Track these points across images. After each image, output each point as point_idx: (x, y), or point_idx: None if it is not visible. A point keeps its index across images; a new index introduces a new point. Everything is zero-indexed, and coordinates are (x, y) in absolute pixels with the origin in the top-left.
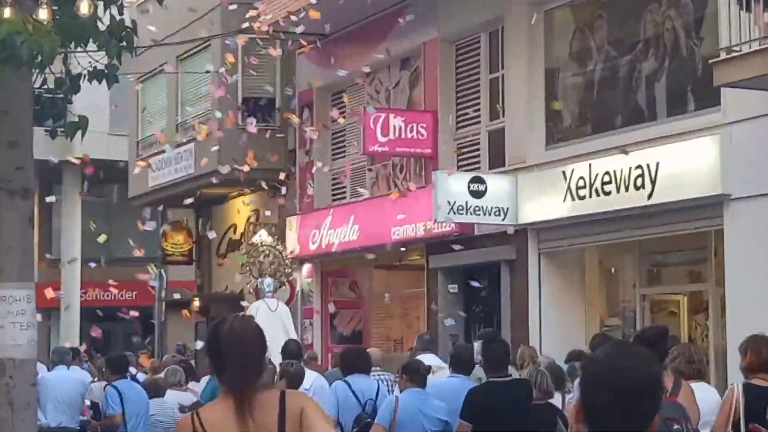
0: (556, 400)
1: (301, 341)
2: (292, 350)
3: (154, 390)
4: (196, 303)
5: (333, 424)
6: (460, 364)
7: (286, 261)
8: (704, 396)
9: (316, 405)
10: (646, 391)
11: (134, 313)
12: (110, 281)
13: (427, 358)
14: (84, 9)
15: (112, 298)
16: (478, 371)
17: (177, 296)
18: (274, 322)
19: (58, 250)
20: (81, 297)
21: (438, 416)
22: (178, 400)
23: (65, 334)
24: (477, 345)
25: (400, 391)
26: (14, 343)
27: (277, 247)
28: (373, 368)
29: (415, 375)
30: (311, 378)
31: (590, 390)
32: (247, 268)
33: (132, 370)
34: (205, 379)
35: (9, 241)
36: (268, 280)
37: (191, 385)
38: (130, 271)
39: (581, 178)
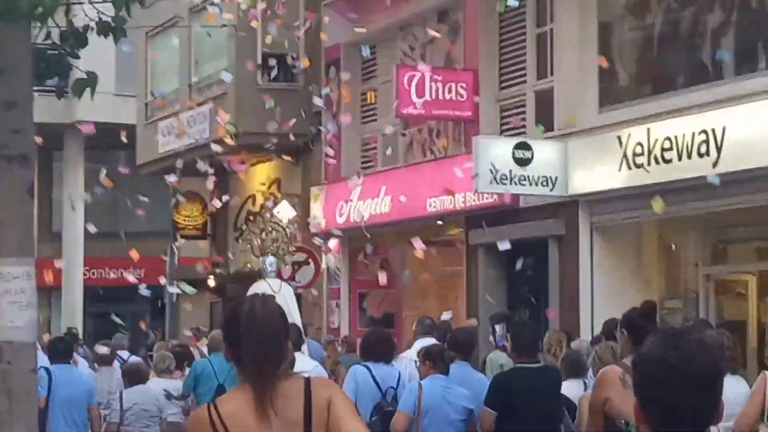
0: (578, 386)
1: (327, 324)
2: (291, 338)
3: (133, 377)
4: (211, 282)
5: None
6: (462, 347)
7: (290, 238)
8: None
9: (345, 396)
10: (711, 380)
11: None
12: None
13: (428, 343)
14: None
15: (119, 276)
16: (497, 357)
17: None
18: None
19: (59, 222)
20: (84, 275)
21: (463, 404)
22: (165, 388)
23: (67, 316)
24: (499, 328)
25: (421, 378)
26: (12, 324)
27: (279, 223)
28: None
29: (438, 361)
30: (309, 366)
31: (651, 388)
32: (248, 245)
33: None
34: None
35: (6, 213)
36: (270, 259)
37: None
38: (138, 246)
39: (638, 144)
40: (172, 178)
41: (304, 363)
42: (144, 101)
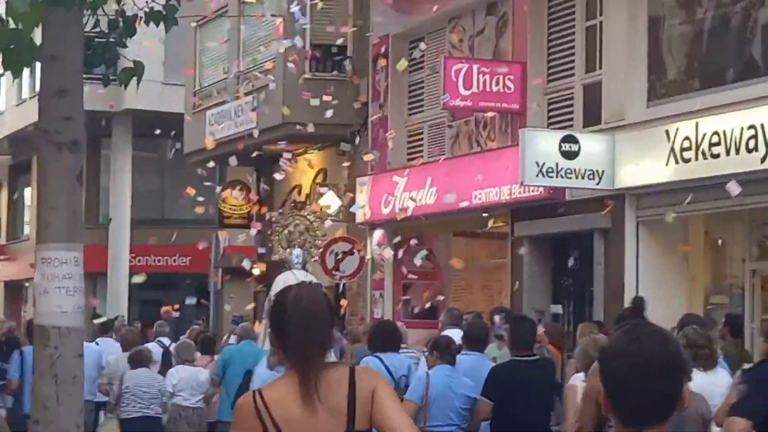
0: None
1: (371, 315)
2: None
3: (135, 361)
4: (256, 270)
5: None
6: (473, 341)
7: (317, 232)
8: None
9: (389, 386)
10: (671, 370)
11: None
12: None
13: (455, 334)
14: None
15: (165, 263)
16: (490, 350)
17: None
18: None
19: (106, 210)
20: (130, 262)
21: (467, 393)
22: (186, 376)
23: (113, 301)
24: (498, 319)
25: (429, 368)
26: (60, 310)
27: (308, 216)
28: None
29: (444, 352)
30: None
31: (616, 380)
32: (276, 237)
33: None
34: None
35: (56, 199)
36: (297, 251)
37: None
38: (185, 234)
39: (686, 138)
40: (233, 161)
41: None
42: (192, 90)
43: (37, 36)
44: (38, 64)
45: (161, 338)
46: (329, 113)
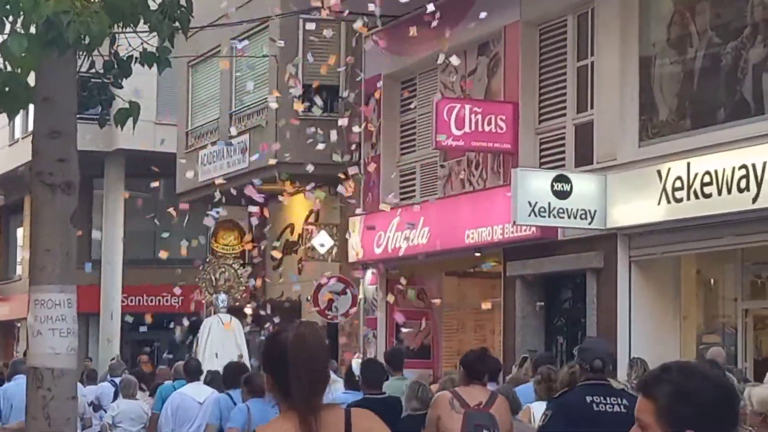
0: None
1: (363, 355)
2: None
3: (125, 391)
4: (248, 310)
5: None
6: (352, 381)
7: (241, 279)
8: None
9: (386, 428)
10: None
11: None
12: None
13: None
14: None
15: (157, 303)
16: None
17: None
18: (228, 337)
19: (98, 250)
20: (122, 302)
21: None
22: (130, 408)
23: (104, 342)
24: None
25: (243, 401)
26: (53, 351)
27: (233, 264)
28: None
29: (254, 386)
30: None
31: None
32: (203, 283)
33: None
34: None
35: (49, 241)
36: (222, 296)
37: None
38: (175, 274)
39: (678, 178)
40: (211, 219)
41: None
42: (185, 130)
43: (31, 77)
44: (31, 106)
45: (113, 378)
46: (321, 146)
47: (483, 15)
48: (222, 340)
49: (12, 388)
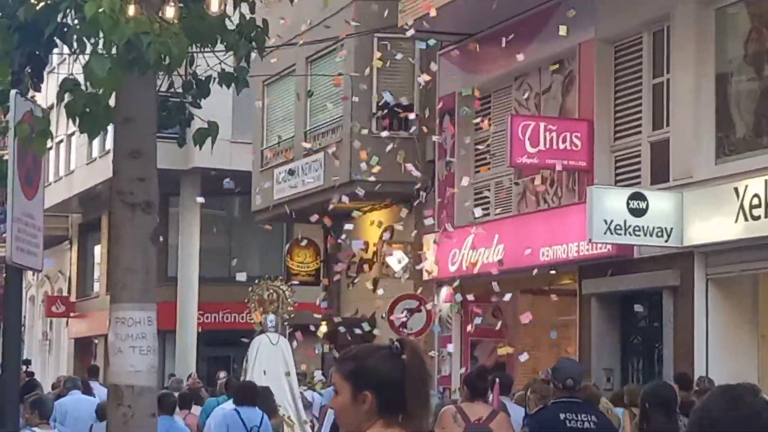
0: None
1: (438, 372)
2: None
3: (102, 414)
4: (323, 328)
5: None
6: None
7: (289, 300)
8: None
9: None
10: None
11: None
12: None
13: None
14: (214, 7)
15: (232, 320)
16: None
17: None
18: (276, 355)
19: (174, 267)
20: (198, 319)
21: None
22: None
23: (180, 359)
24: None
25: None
26: (133, 369)
27: (281, 287)
28: None
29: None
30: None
31: None
32: (252, 304)
33: None
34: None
35: (130, 260)
36: (271, 317)
37: (194, 409)
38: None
39: (755, 195)
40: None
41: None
42: (260, 148)
43: (111, 98)
44: (111, 126)
45: None
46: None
47: (562, 31)
48: (269, 358)
49: (67, 402)
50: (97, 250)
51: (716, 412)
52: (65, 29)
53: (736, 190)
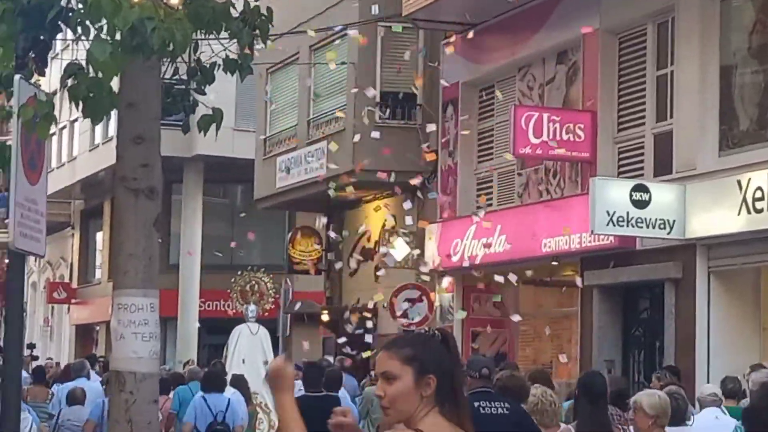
0: None
1: None
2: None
3: (71, 398)
4: (325, 317)
5: None
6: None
7: (270, 291)
8: None
9: None
10: None
11: None
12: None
13: None
14: None
15: (235, 308)
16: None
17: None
18: (255, 344)
19: (176, 255)
20: (200, 307)
21: None
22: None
23: (182, 346)
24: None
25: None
26: (136, 355)
27: (263, 278)
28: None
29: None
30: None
31: None
32: (234, 294)
33: None
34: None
35: (132, 246)
36: (251, 307)
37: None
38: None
39: (758, 188)
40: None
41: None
42: (262, 136)
43: (115, 83)
44: (114, 111)
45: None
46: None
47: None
48: (249, 348)
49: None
50: (99, 236)
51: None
52: (69, 13)
53: (739, 182)
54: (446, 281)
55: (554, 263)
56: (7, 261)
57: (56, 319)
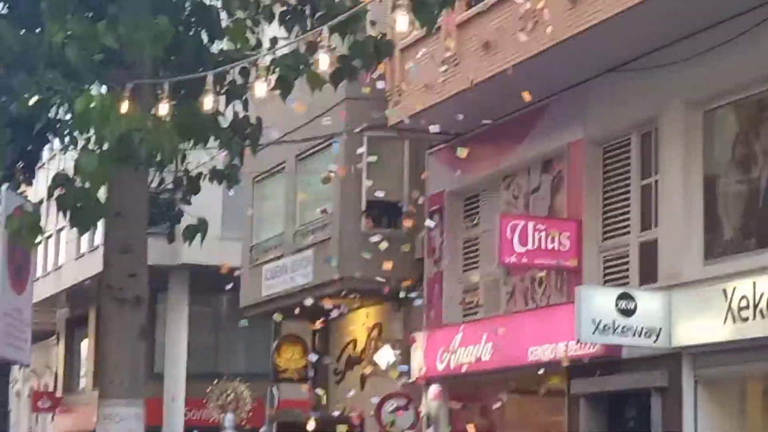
0: None
1: None
2: None
3: None
4: (311, 425)
5: None
6: None
7: (247, 402)
8: None
9: None
10: None
11: None
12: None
13: None
14: (207, 105)
15: (212, 417)
16: None
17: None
18: None
19: (161, 364)
20: (185, 416)
21: None
22: None
23: None
24: None
25: None
26: None
27: (239, 388)
28: None
29: None
30: None
31: None
32: (212, 404)
33: None
34: None
35: (118, 356)
36: (229, 416)
37: None
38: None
39: (744, 297)
40: None
41: None
42: (249, 245)
43: (102, 192)
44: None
45: None
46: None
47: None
48: None
49: None
50: (84, 345)
51: None
52: (57, 125)
53: (724, 291)
54: (433, 389)
55: (540, 372)
56: None
57: (41, 428)
